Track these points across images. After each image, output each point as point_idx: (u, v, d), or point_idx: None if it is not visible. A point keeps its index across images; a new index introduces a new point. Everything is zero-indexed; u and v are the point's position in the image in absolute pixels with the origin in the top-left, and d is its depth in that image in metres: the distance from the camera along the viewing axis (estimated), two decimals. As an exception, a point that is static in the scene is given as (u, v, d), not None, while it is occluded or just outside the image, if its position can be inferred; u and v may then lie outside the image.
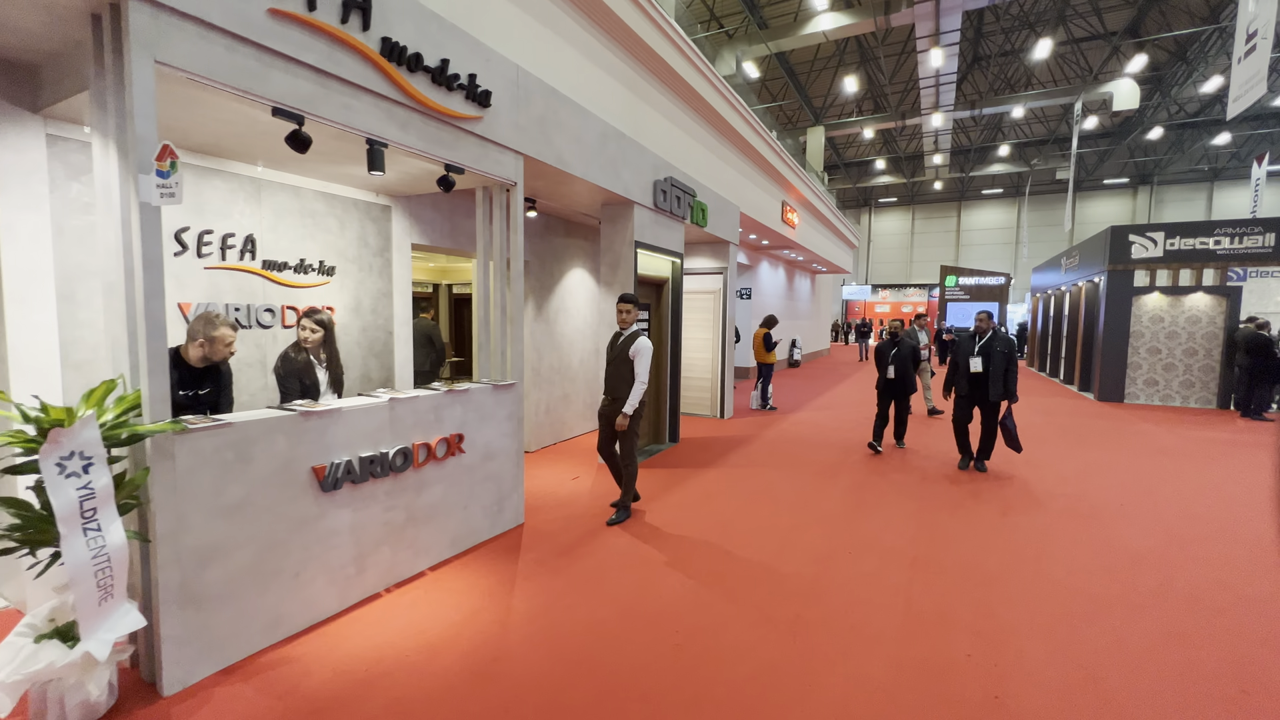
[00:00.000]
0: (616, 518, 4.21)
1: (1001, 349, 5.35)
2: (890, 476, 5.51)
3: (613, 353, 4.24)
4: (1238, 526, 4.26)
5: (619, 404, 4.15)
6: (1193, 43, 18.79)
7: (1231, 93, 9.29)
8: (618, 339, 4.25)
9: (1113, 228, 10.71)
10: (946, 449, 6.69)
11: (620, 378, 4.16)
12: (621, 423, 4.11)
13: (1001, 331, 5.16)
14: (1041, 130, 27.37)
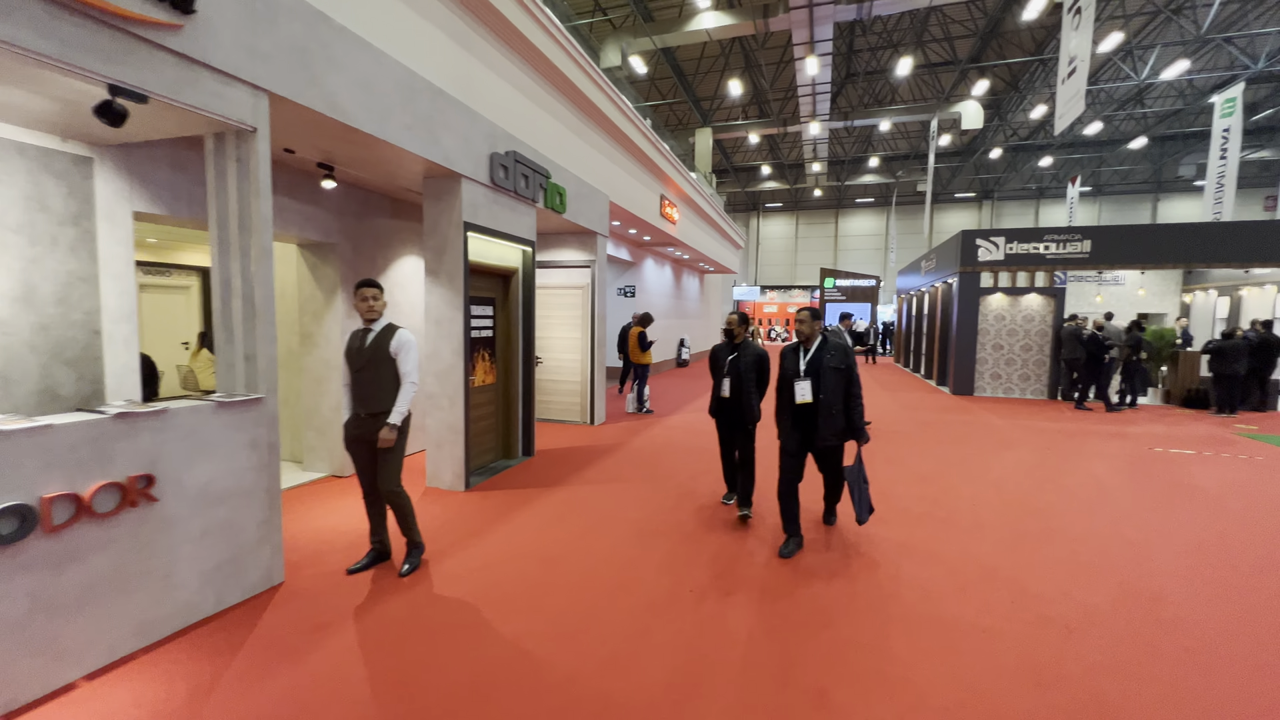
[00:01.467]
0: (409, 565, 3.35)
1: (835, 362, 3.54)
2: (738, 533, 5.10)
3: (362, 355, 3.26)
4: (1076, 521, 4.25)
5: (381, 418, 3.24)
6: (1023, 73, 21.12)
7: (1058, 110, 10.19)
8: (364, 336, 3.30)
9: (963, 232, 11.43)
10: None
11: (380, 384, 3.25)
12: (388, 437, 3.21)
13: (835, 336, 3.63)
14: (905, 145, 29.77)
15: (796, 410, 3.62)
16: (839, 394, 3.56)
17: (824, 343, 3.61)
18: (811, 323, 3.65)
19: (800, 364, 3.60)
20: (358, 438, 3.29)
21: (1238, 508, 4.64)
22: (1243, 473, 5.75)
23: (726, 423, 4.29)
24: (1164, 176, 30.18)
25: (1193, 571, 3.43)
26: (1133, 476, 5.56)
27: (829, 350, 3.58)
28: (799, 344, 3.68)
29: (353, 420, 3.31)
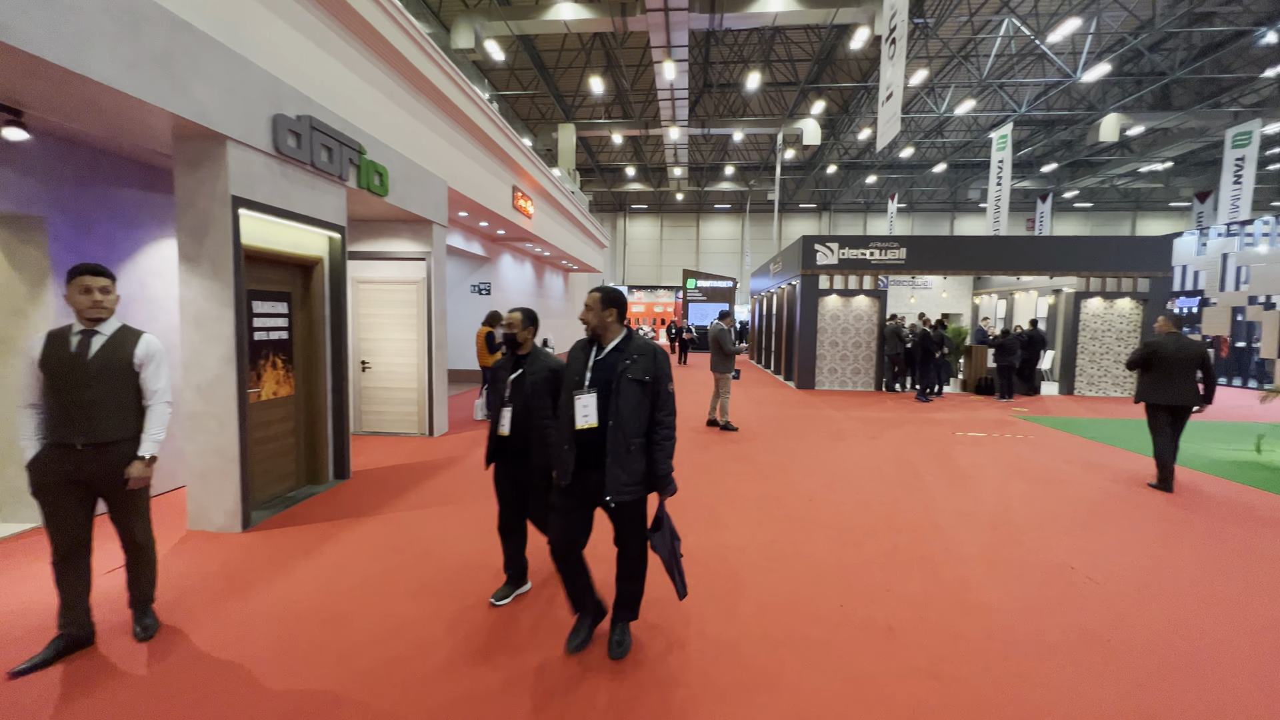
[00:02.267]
0: (144, 627, 2.58)
1: (637, 372, 2.36)
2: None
3: (83, 367, 2.39)
4: (896, 510, 4.51)
5: (111, 450, 2.42)
6: (852, 98, 23.58)
7: (879, 129, 11.30)
8: (85, 341, 2.43)
9: (804, 237, 12.29)
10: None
11: (114, 405, 2.43)
12: (143, 474, 2.43)
13: (641, 336, 2.46)
14: (757, 157, 31.89)
15: (579, 439, 2.36)
16: (639, 420, 2.33)
17: (626, 341, 2.42)
18: (601, 311, 2.40)
19: (586, 371, 2.40)
20: (69, 478, 2.37)
21: (1021, 487, 5.28)
22: (1022, 451, 6.67)
23: (509, 475, 2.91)
24: (958, 198, 35.74)
25: (989, 550, 3.72)
26: (941, 461, 6.16)
27: (631, 353, 2.37)
28: (591, 340, 2.49)
29: (57, 454, 2.37)
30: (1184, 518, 4.42)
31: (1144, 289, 11.83)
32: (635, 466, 2.34)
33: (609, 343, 2.44)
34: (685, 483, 5.18)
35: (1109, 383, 12.01)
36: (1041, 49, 17.33)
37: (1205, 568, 3.49)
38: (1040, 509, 4.59)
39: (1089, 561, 3.54)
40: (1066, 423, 8.64)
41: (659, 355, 2.41)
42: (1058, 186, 30.85)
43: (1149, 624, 2.81)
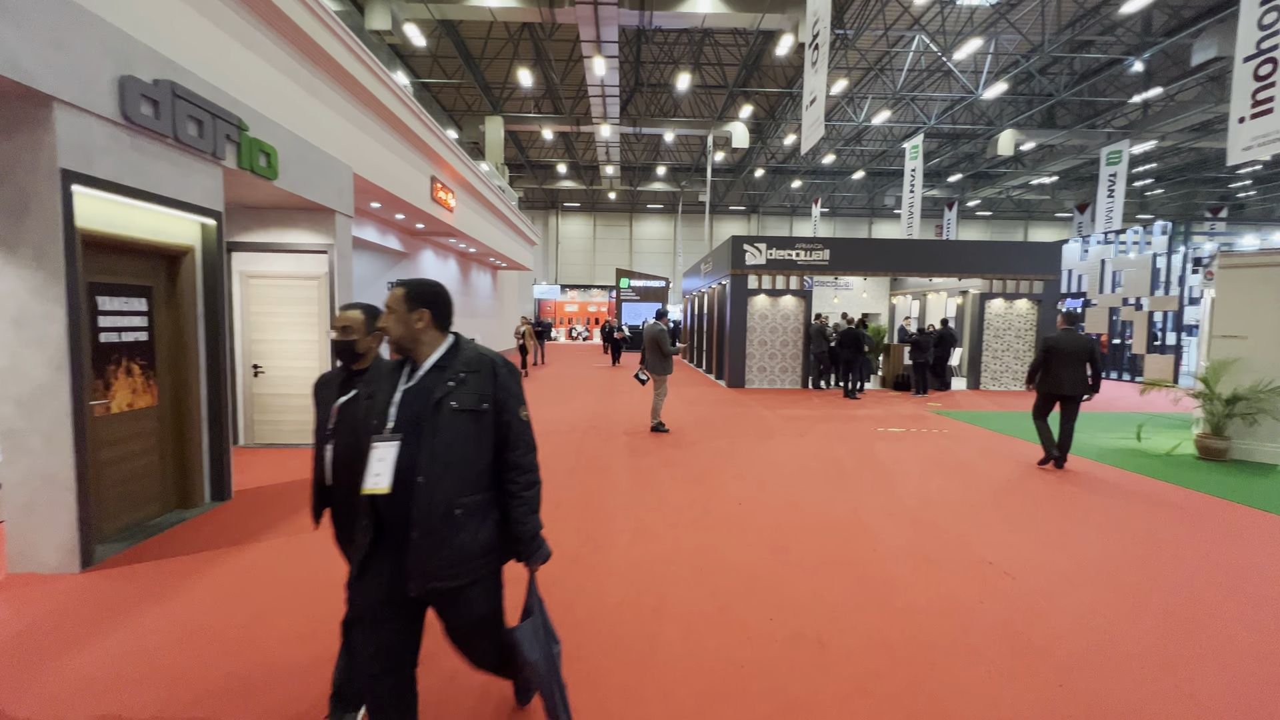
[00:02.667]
0: None
1: (467, 399, 1.64)
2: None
3: None
4: (824, 510, 4.48)
5: None
6: (779, 104, 24.27)
7: (803, 134, 11.58)
8: None
9: (734, 237, 12.40)
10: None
11: None
12: None
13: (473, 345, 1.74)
14: (688, 158, 32.22)
15: (376, 508, 1.62)
16: (471, 467, 1.64)
17: (451, 355, 1.68)
18: (406, 314, 1.63)
19: (390, 406, 1.63)
20: None
21: (939, 481, 5.44)
22: (938, 445, 6.94)
23: (346, 536, 2.06)
24: (876, 204, 37.77)
25: (914, 548, 3.73)
26: (865, 458, 6.27)
27: (457, 371, 1.65)
28: (401, 361, 1.71)
29: None
30: (1083, 505, 4.68)
31: (1038, 291, 12.82)
32: (464, 539, 1.60)
33: (425, 359, 1.65)
34: (615, 490, 4.94)
35: (1010, 378, 12.93)
36: (948, 66, 18.51)
37: (1107, 555, 3.65)
38: (958, 502, 4.71)
39: (1005, 555, 3.61)
40: (975, 416, 9.15)
41: (501, 371, 1.69)
42: (962, 195, 33.24)
43: (1064, 619, 2.85)
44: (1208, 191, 33.09)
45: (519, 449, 1.72)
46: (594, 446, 6.63)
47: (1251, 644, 2.63)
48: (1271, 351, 6.01)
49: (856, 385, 11.38)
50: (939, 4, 16.42)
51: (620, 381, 13.35)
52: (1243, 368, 6.06)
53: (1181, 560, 3.60)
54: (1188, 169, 29.42)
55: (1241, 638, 2.69)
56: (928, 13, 16.93)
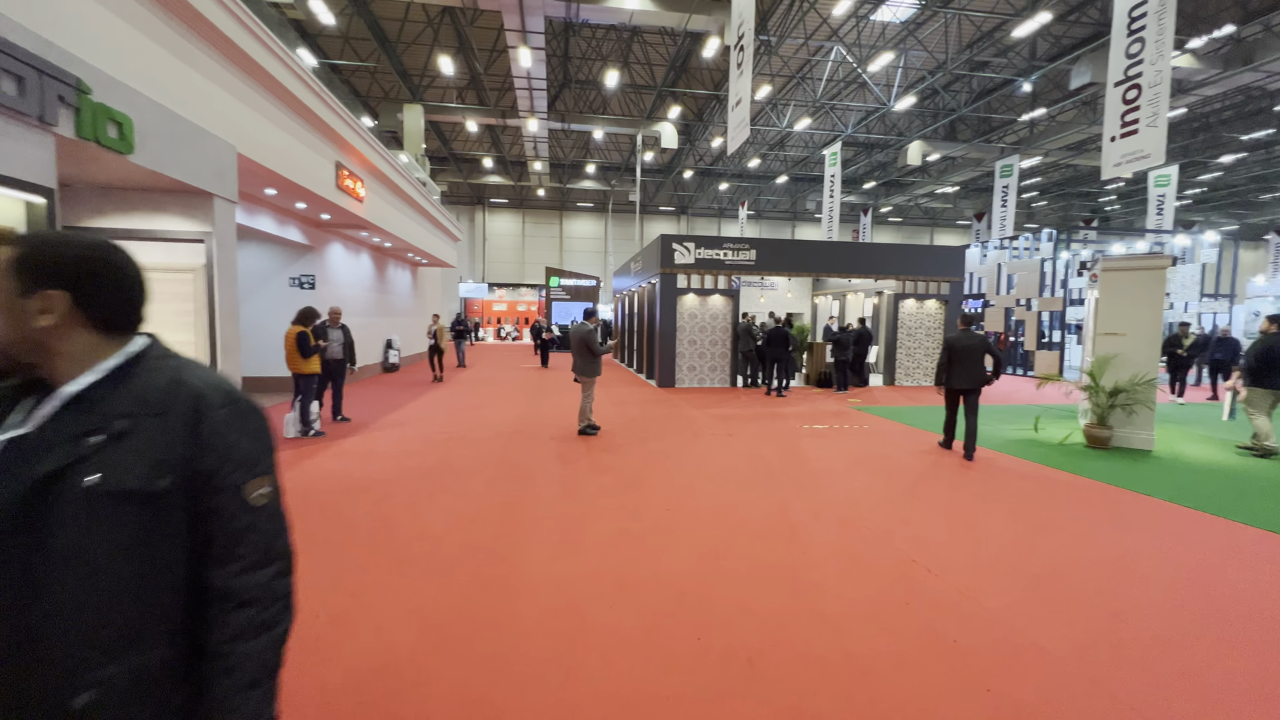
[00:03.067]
0: None
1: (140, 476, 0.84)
2: (433, 524, 4.06)
3: None
4: (752, 514, 4.39)
5: None
6: (706, 107, 24.61)
7: (729, 134, 11.67)
8: None
9: (663, 235, 12.32)
10: (518, 464, 5.73)
11: None
12: None
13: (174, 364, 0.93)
14: (618, 157, 32.07)
15: None
16: (120, 611, 0.83)
17: (115, 380, 0.88)
18: (19, 297, 0.84)
19: None
20: None
21: (862, 477, 5.53)
22: (859, 441, 7.12)
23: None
24: (798, 208, 39.30)
25: (841, 548, 3.70)
26: (791, 456, 6.31)
27: (115, 410, 0.86)
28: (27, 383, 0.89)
29: None
30: (991, 496, 4.88)
31: (945, 292, 13.66)
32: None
33: (65, 382, 0.87)
34: (538, 502, 4.63)
35: (921, 374, 13.69)
36: (863, 78, 19.44)
37: (1016, 546, 3.78)
38: (879, 497, 4.78)
39: (926, 551, 3.65)
40: (892, 411, 9.55)
41: (212, 415, 0.90)
42: (876, 202, 35.22)
43: (985, 619, 2.86)
44: (1081, 204, 36.98)
45: (239, 561, 0.90)
46: (518, 453, 6.27)
47: (1156, 632, 2.75)
48: (1145, 347, 6.61)
49: (782, 383, 11.62)
50: (855, 18, 17.17)
51: (550, 384, 12.95)
52: (1122, 362, 6.63)
53: (1081, 547, 3.78)
54: (1066, 183, 32.71)
55: (1146, 626, 2.80)
56: (845, 25, 17.67)
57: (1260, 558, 3.66)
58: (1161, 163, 9.35)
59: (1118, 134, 9.65)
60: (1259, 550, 3.78)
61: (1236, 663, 2.48)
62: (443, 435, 7.10)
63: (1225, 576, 3.36)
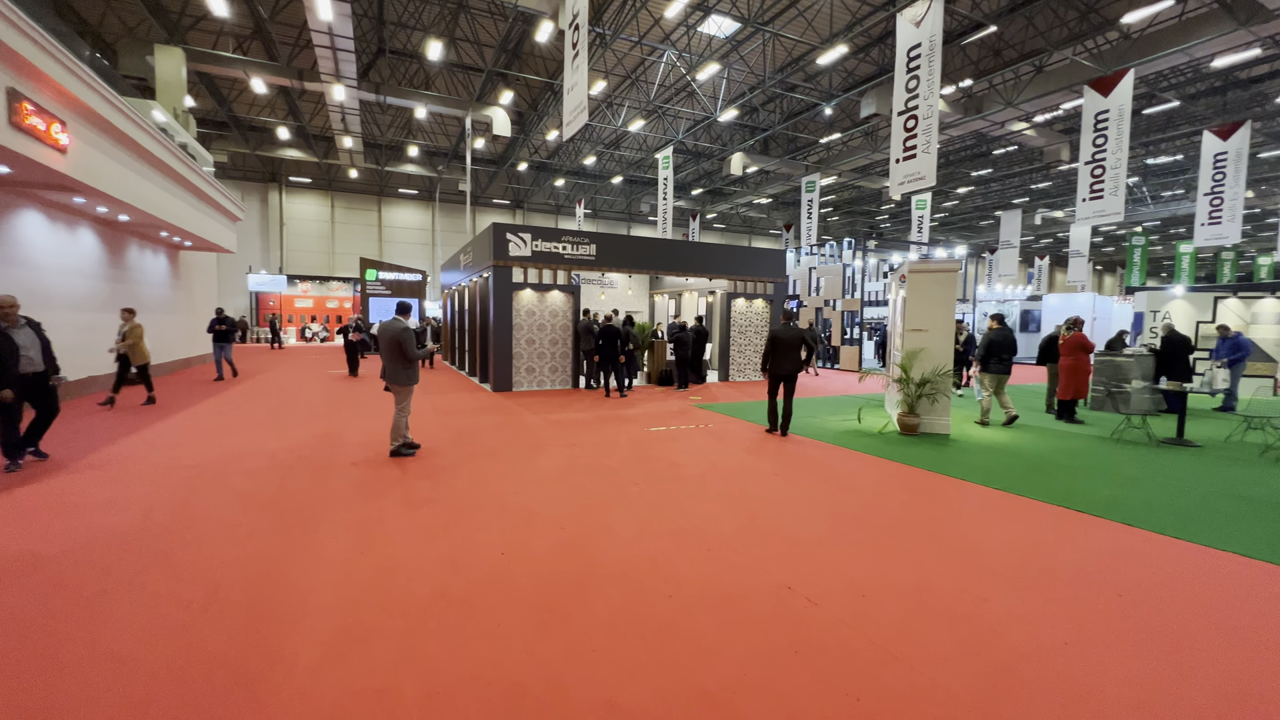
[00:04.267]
0: None
1: None
2: None
3: None
4: (611, 548, 3.72)
5: None
6: (541, 97, 23.62)
7: (565, 119, 10.93)
8: None
9: (495, 224, 11.17)
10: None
11: None
12: None
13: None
14: (446, 142, 29.46)
15: None
16: None
17: None
18: None
19: None
20: None
21: (718, 484, 5.19)
22: (708, 443, 6.90)
23: None
24: (633, 209, 40.18)
25: (710, 582, 3.19)
26: (643, 466, 5.80)
27: None
28: None
29: None
30: (843, 493, 4.87)
31: (770, 292, 14.57)
32: None
33: None
34: (319, 560, 3.40)
35: (751, 369, 14.44)
36: (693, 86, 20.18)
37: (880, 555, 3.64)
38: (737, 510, 4.44)
39: (799, 573, 3.30)
40: (732, 408, 9.69)
41: None
42: (703, 208, 37.42)
43: (874, 654, 2.52)
44: (864, 220, 43.52)
45: None
46: (301, 489, 4.82)
47: (1023, 641, 2.64)
48: (943, 342, 7.40)
49: (625, 383, 11.26)
50: (686, 26, 17.63)
51: (359, 395, 10.99)
52: (926, 356, 7.34)
53: (935, 544, 3.79)
54: (853, 202, 38.13)
55: (1017, 637, 2.70)
56: (676, 30, 18.07)
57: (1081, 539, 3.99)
58: (933, 184, 10.87)
59: (901, 157, 10.97)
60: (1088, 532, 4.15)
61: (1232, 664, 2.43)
62: (188, 471, 5.26)
63: (1065, 559, 3.54)
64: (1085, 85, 13.66)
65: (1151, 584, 3.21)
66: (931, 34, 10.00)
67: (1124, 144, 12.84)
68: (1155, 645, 2.59)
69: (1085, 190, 13.50)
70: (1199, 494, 4.97)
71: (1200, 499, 4.82)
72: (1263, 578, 3.32)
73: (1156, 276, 49.81)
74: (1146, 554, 3.66)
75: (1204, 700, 2.21)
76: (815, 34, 17.17)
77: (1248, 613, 2.91)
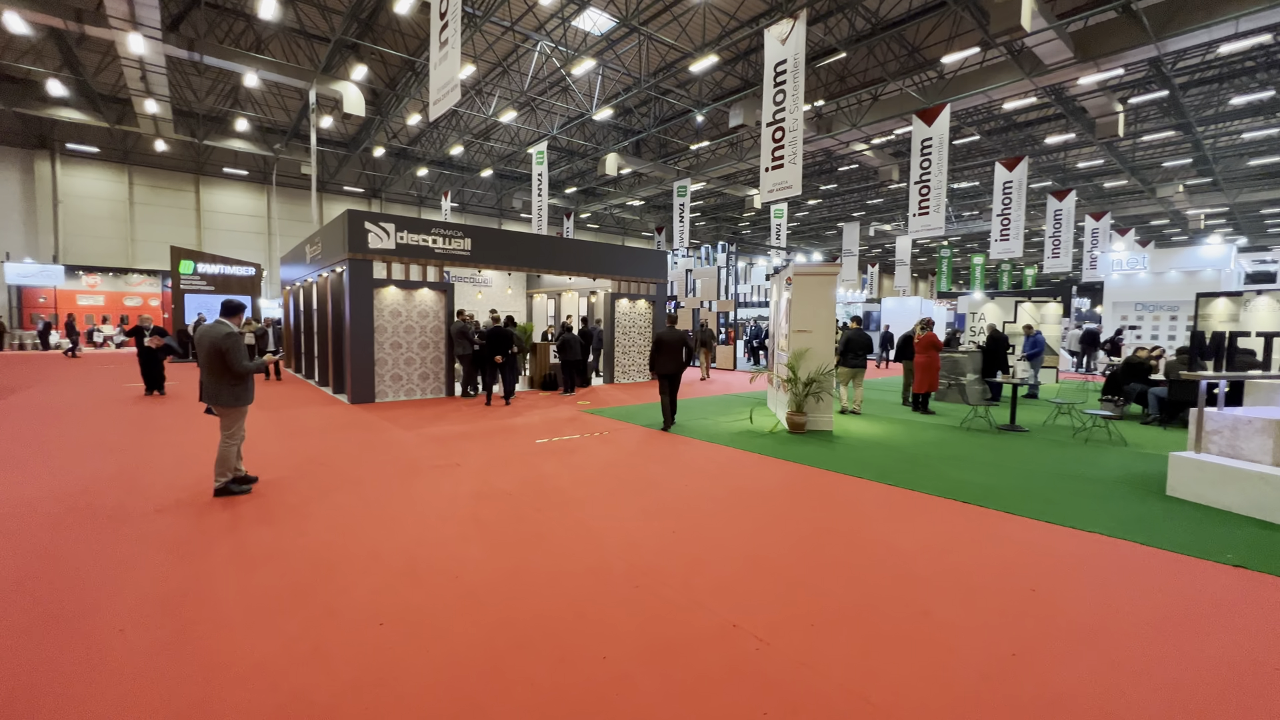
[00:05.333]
0: None
1: None
2: None
3: None
4: (522, 597, 3.12)
5: None
6: (400, 76, 21.50)
7: (432, 94, 9.85)
8: None
9: (349, 211, 9.71)
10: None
11: None
12: None
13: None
14: (285, 118, 25.72)
15: None
16: None
17: None
18: None
19: None
20: None
21: (631, 501, 4.78)
22: (607, 452, 6.47)
23: None
24: (505, 205, 38.50)
25: (647, 633, 2.75)
26: (540, 487, 5.21)
27: None
28: None
29: None
30: (760, 503, 4.72)
31: (652, 293, 14.55)
32: None
33: None
34: (97, 672, 2.39)
35: (636, 371, 14.30)
36: (568, 81, 19.63)
37: (812, 570, 3.48)
38: (657, 530, 4.06)
39: (738, 608, 2.98)
40: (623, 412, 9.37)
41: None
42: (577, 207, 36.97)
43: (838, 699, 2.27)
44: (727, 226, 46.10)
45: None
46: (76, 554, 3.53)
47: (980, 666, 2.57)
48: (826, 342, 7.73)
49: (508, 389, 10.45)
50: (560, 19, 17.04)
51: (168, 417, 8.92)
52: (811, 356, 7.61)
53: (863, 557, 3.72)
54: (718, 208, 40.17)
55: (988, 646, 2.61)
56: (551, 20, 17.40)
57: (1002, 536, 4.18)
58: (799, 193, 11.52)
59: (769, 166, 11.48)
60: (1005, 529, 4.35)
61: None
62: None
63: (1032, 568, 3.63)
64: (913, 114, 15.50)
65: (1052, 575, 3.40)
66: (795, 52, 10.52)
67: (944, 168, 14.75)
68: (1087, 642, 2.66)
69: (915, 207, 15.30)
70: (1046, 476, 5.61)
71: (1048, 481, 5.43)
72: (1137, 558, 3.68)
73: (957, 283, 59.21)
74: (1033, 542, 3.93)
75: (1150, 693, 2.26)
76: (689, 40, 17.54)
77: (1139, 594, 3.16)
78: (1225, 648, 2.60)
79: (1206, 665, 2.47)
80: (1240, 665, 2.47)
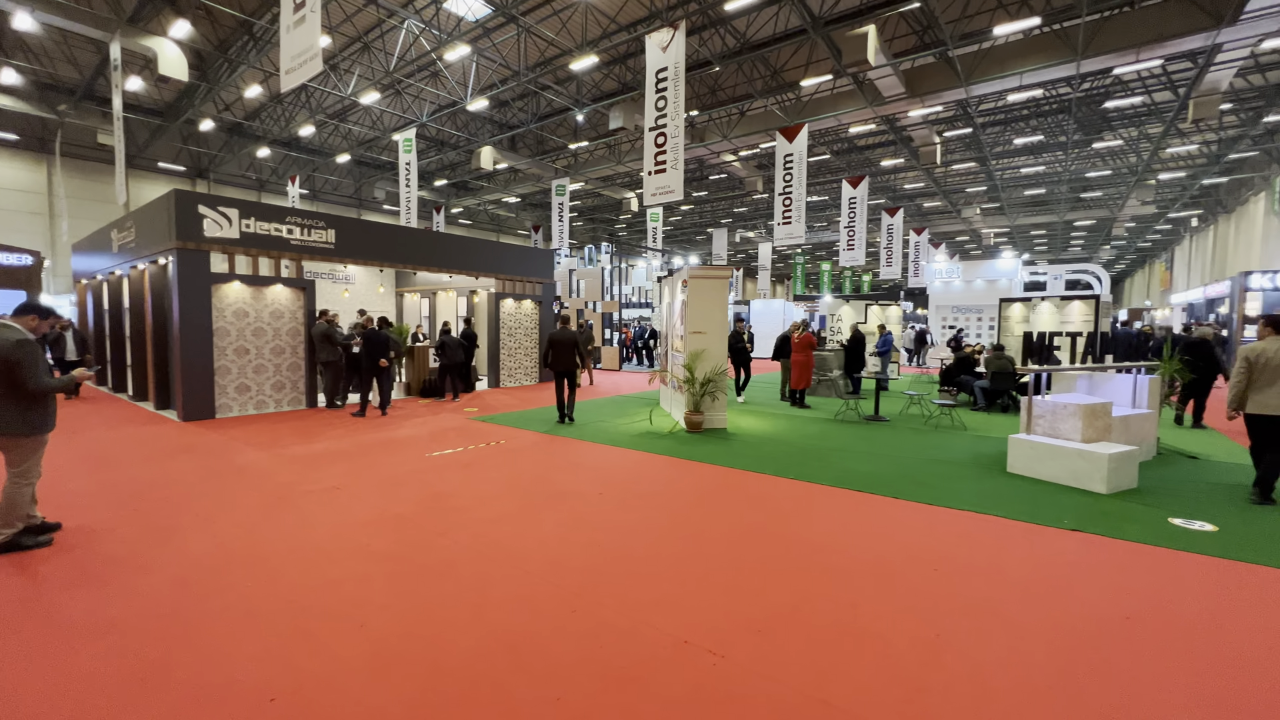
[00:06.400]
0: None
1: None
2: None
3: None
4: (436, 659, 2.75)
5: None
6: (234, 39, 18.62)
7: (285, 62, 8.59)
8: None
9: (177, 191, 8.13)
10: None
11: None
12: None
13: None
14: (74, 73, 20.98)
15: None
16: None
17: None
18: None
19: None
20: None
21: (548, 518, 4.49)
22: (508, 465, 6.07)
23: None
24: (364, 195, 35.13)
25: (589, 659, 2.56)
26: (440, 511, 4.72)
27: None
28: None
29: None
30: (683, 511, 4.70)
31: (539, 293, 14.12)
32: None
33: None
34: None
35: (523, 374, 13.78)
36: (438, 65, 18.37)
37: (748, 577, 3.51)
38: (580, 545, 3.86)
39: (684, 620, 2.91)
40: (514, 417, 8.92)
41: None
42: (448, 201, 34.89)
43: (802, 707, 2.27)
44: (604, 227, 46.50)
45: None
46: None
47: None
48: (719, 343, 8.00)
49: (385, 397, 9.46)
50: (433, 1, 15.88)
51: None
52: (706, 356, 7.83)
53: (788, 554, 3.83)
54: (595, 209, 40.34)
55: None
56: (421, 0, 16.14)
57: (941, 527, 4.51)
58: (681, 198, 11.90)
59: (652, 170, 11.72)
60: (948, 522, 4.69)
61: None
62: None
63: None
64: (777, 131, 16.80)
65: (945, 554, 3.78)
66: (676, 60, 10.81)
67: (803, 181, 16.18)
68: (991, 614, 2.97)
69: (779, 216, 16.59)
70: (914, 460, 6.31)
71: (917, 465, 6.11)
72: (1002, 529, 4.22)
73: (808, 287, 65.65)
74: (921, 523, 4.36)
75: (1054, 655, 2.56)
76: (570, 37, 17.29)
77: (1015, 563, 3.62)
78: (1091, 603, 3.07)
79: (1084, 618, 2.88)
80: (1107, 616, 2.92)
